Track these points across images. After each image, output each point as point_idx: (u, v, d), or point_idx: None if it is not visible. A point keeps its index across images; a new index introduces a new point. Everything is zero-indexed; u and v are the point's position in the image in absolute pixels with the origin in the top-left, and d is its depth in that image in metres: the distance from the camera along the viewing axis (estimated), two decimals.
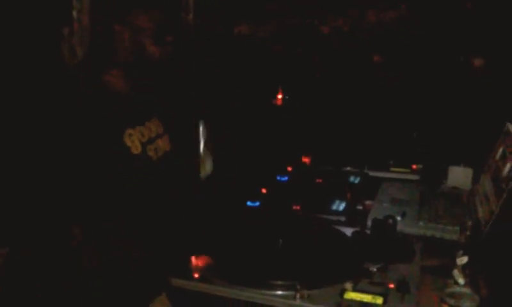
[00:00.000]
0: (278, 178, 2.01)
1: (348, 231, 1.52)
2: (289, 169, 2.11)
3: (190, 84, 1.76)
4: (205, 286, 1.27)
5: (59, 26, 1.41)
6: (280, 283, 1.24)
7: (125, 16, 1.41)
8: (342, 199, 1.76)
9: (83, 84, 1.42)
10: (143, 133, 1.48)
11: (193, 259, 1.36)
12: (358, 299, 1.18)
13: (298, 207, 1.74)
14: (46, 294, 1.30)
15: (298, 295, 1.18)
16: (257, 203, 1.76)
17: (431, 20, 2.20)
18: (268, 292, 1.22)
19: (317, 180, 2.00)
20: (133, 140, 1.45)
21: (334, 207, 1.72)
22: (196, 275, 1.30)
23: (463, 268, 1.26)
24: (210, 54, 2.00)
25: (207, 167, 1.81)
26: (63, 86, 1.41)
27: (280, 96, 2.37)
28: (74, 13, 1.45)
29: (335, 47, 2.35)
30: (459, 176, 1.95)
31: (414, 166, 2.11)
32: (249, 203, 1.75)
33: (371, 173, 2.10)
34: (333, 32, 2.33)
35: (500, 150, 1.72)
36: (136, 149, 1.45)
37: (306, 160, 2.25)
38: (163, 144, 1.55)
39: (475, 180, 1.89)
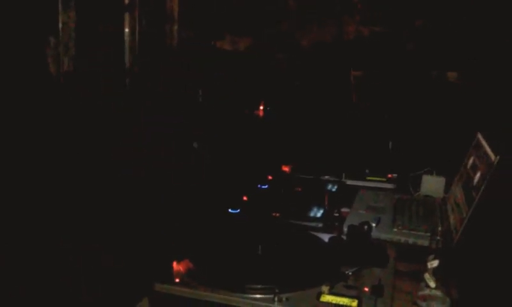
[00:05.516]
0: (259, 186, 2.05)
1: (325, 237, 1.56)
2: (270, 177, 2.15)
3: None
4: (186, 290, 1.29)
5: (44, 35, 1.41)
6: (259, 286, 1.27)
7: None
8: (319, 207, 1.80)
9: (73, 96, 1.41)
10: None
11: (175, 264, 1.38)
12: (334, 301, 1.22)
13: (278, 214, 1.77)
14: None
15: (276, 298, 1.22)
16: (238, 210, 1.79)
17: (407, 35, 2.28)
18: (248, 296, 1.26)
19: (297, 188, 2.05)
20: None
21: (312, 214, 1.76)
22: (178, 280, 1.32)
23: (434, 271, 1.31)
24: (193, 66, 2.02)
25: None
26: (47, 97, 1.41)
27: (261, 108, 2.41)
28: (60, 24, 1.46)
29: (315, 60, 2.42)
30: (432, 184, 2.02)
31: (389, 175, 2.18)
32: (230, 210, 1.78)
33: (348, 182, 2.16)
34: (312, 45, 2.39)
35: (471, 159, 1.79)
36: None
37: (286, 169, 2.30)
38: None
39: (447, 188, 1.96)
